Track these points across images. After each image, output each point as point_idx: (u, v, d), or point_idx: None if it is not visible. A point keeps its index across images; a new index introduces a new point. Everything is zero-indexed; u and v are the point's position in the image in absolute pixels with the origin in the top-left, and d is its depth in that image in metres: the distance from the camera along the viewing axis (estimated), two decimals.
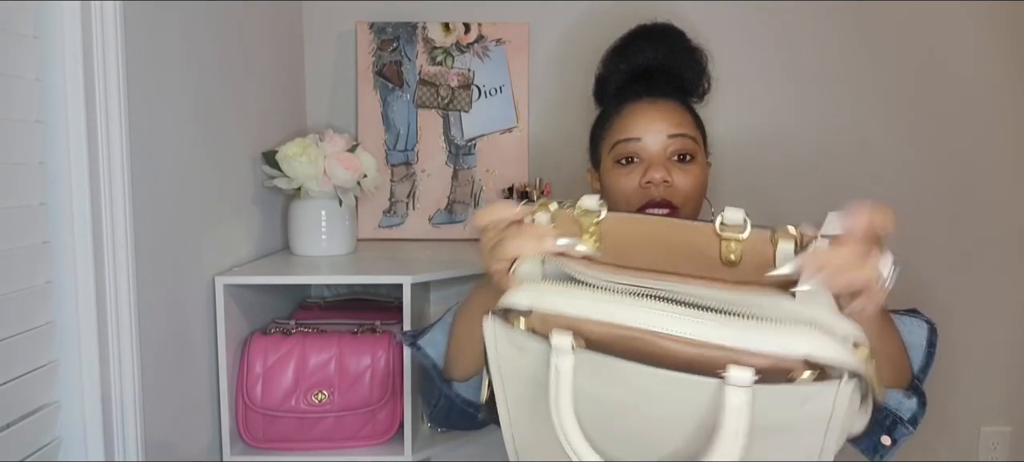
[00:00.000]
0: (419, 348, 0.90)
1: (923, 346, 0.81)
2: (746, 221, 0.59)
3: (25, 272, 0.80)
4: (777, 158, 1.64)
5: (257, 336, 1.21)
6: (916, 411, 0.76)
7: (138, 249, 0.93)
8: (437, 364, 0.88)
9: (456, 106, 1.61)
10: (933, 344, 0.81)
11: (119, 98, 0.89)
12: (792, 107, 1.64)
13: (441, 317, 0.91)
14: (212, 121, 1.18)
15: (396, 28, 1.60)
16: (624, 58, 1.03)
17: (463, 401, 0.87)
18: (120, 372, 0.91)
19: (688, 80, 1.02)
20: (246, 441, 1.20)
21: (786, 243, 0.58)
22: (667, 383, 0.50)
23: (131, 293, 0.91)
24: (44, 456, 0.83)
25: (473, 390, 0.86)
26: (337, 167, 1.29)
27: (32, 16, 0.81)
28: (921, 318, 0.84)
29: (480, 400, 0.84)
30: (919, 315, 0.84)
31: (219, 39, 1.20)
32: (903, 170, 1.65)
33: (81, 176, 0.84)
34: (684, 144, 0.94)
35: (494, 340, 0.57)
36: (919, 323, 0.83)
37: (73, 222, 0.84)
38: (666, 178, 0.92)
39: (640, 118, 0.95)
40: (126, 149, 0.90)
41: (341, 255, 1.37)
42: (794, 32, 1.62)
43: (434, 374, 0.88)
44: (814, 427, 0.49)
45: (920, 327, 0.82)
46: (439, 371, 0.88)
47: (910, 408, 0.76)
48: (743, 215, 0.59)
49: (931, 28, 1.62)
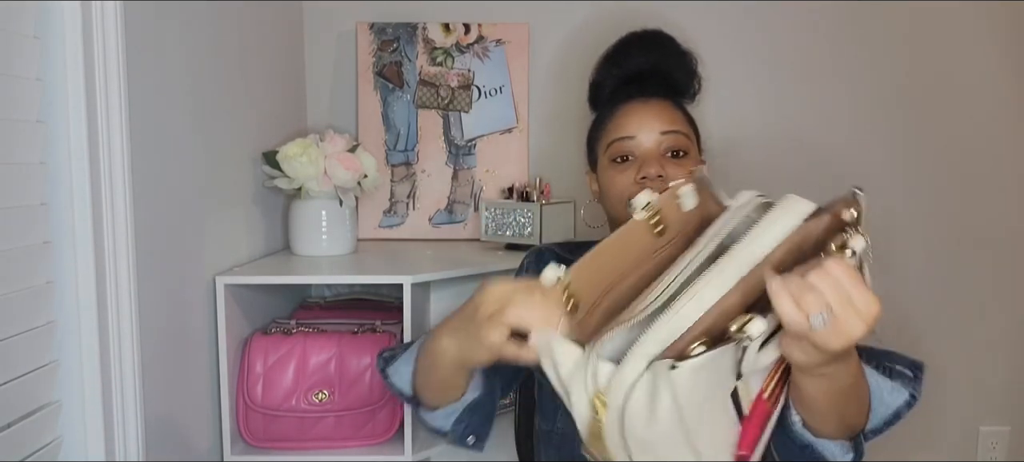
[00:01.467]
0: (386, 377, 0.92)
1: (887, 414, 0.76)
2: (648, 200, 0.71)
3: (26, 272, 0.81)
4: (772, 157, 1.64)
5: (258, 336, 1.21)
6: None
7: (139, 249, 0.93)
8: (404, 391, 0.90)
9: (456, 106, 1.61)
10: (899, 417, 0.76)
11: (120, 98, 0.89)
12: (787, 107, 1.64)
13: (409, 345, 0.92)
14: (212, 121, 1.18)
15: (396, 28, 1.60)
16: (616, 64, 1.05)
17: (429, 428, 0.90)
18: (121, 372, 0.91)
19: (679, 81, 1.04)
20: (247, 440, 1.20)
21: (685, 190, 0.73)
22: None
23: (132, 293, 0.91)
24: (45, 456, 0.83)
25: (439, 420, 0.88)
26: (337, 167, 1.29)
27: (33, 16, 0.81)
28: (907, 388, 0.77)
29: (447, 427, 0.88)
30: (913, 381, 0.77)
31: (219, 39, 1.20)
32: (899, 168, 1.65)
33: (82, 176, 0.84)
34: (677, 140, 0.97)
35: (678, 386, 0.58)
36: (900, 392, 0.76)
37: (74, 222, 0.84)
38: (661, 173, 0.94)
39: (633, 117, 0.98)
40: (127, 149, 0.90)
41: (341, 255, 1.37)
42: (789, 32, 1.62)
43: (404, 400, 0.91)
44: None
45: (898, 395, 0.76)
46: (407, 397, 0.90)
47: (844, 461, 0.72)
48: (645, 196, 0.71)
49: (923, 25, 1.62)
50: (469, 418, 0.87)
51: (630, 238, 0.72)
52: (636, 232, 0.72)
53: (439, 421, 0.88)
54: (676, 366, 0.56)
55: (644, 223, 0.71)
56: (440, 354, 0.77)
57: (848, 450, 0.72)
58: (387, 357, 0.93)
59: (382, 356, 0.94)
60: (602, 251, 0.71)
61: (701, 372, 0.57)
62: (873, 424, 0.75)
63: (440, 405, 0.86)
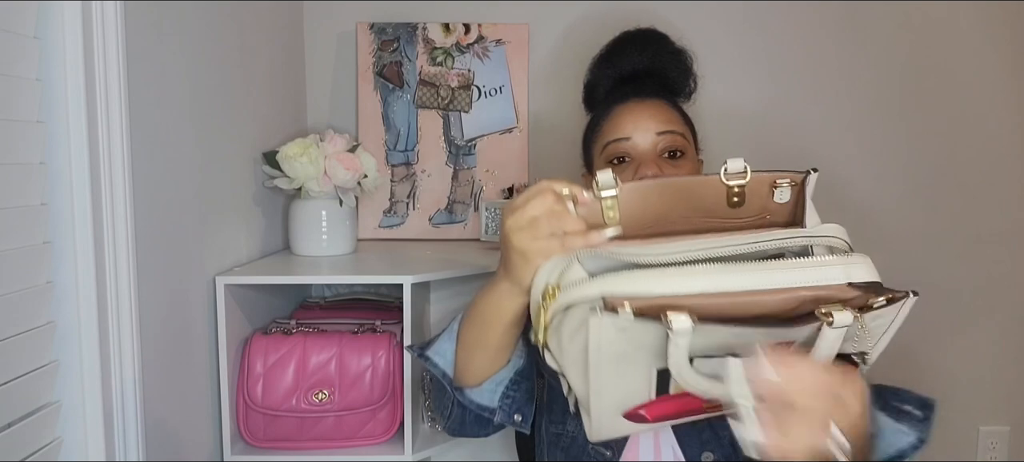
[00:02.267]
0: (428, 359, 0.90)
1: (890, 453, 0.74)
2: (746, 168, 0.69)
3: (26, 272, 0.80)
4: (768, 156, 1.63)
5: (258, 336, 1.21)
6: None
7: (139, 249, 0.93)
8: (447, 373, 0.88)
9: (456, 106, 1.61)
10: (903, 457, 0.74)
11: (120, 98, 0.89)
12: (784, 105, 1.64)
13: (447, 327, 0.91)
14: (212, 121, 1.18)
15: (396, 29, 1.60)
16: (611, 64, 1.05)
17: (477, 407, 0.87)
18: (121, 372, 0.91)
19: (674, 81, 1.04)
20: (247, 440, 1.20)
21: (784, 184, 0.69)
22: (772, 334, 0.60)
23: (132, 293, 0.91)
24: (45, 456, 0.83)
25: (486, 395, 0.86)
26: (337, 167, 1.29)
27: (32, 16, 0.81)
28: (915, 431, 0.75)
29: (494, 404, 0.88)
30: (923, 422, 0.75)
31: (219, 39, 1.20)
32: (898, 168, 1.65)
33: (82, 176, 0.84)
34: (673, 141, 0.96)
35: (598, 329, 0.63)
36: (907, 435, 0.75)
37: (74, 222, 0.84)
38: (658, 174, 0.93)
39: (629, 118, 0.97)
40: (127, 149, 0.90)
41: (341, 255, 1.37)
42: (786, 31, 1.62)
43: (445, 383, 0.89)
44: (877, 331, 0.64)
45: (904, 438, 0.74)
46: (450, 380, 0.88)
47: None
48: (743, 163, 0.69)
49: (923, 24, 1.62)
50: (515, 393, 0.87)
51: (703, 190, 0.70)
52: (712, 188, 0.70)
53: (486, 397, 0.86)
54: (598, 313, 0.62)
55: (724, 185, 0.69)
56: (494, 303, 0.78)
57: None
58: (423, 344, 0.92)
59: (416, 346, 0.93)
60: (665, 188, 0.70)
61: (621, 333, 0.62)
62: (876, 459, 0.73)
63: (487, 376, 0.85)
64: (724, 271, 0.61)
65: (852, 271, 0.61)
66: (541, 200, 0.68)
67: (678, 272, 0.62)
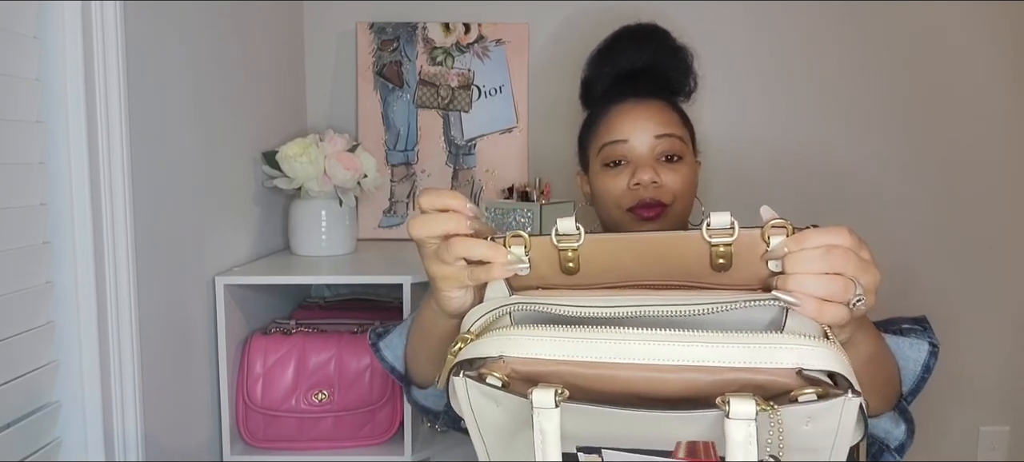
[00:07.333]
0: (377, 350, 0.88)
1: (917, 369, 0.75)
2: (733, 223, 0.56)
3: (25, 272, 0.80)
4: (768, 156, 1.64)
5: (257, 336, 1.21)
6: (904, 439, 0.73)
7: (138, 249, 0.93)
8: (396, 368, 0.86)
9: (456, 106, 1.61)
10: (930, 368, 0.75)
11: (119, 98, 0.89)
12: (784, 105, 1.64)
13: (404, 320, 0.89)
14: (212, 121, 1.18)
15: (396, 28, 1.60)
16: (608, 60, 1.02)
17: (422, 409, 0.86)
18: (120, 372, 0.91)
19: (674, 80, 1.01)
20: (246, 441, 1.20)
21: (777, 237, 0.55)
22: (664, 422, 0.48)
23: (131, 293, 0.91)
24: (44, 456, 0.83)
25: (431, 399, 0.84)
26: (337, 167, 1.29)
27: (32, 16, 0.81)
28: (924, 338, 0.76)
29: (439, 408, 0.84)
30: (925, 332, 0.76)
31: (219, 39, 1.20)
32: (898, 169, 1.65)
33: (81, 176, 0.84)
34: (671, 144, 0.93)
35: (466, 394, 0.53)
36: (919, 343, 0.75)
37: (73, 222, 0.84)
38: (655, 179, 0.90)
39: (626, 119, 0.94)
40: (126, 149, 0.90)
41: (341, 255, 1.37)
42: (788, 32, 1.62)
43: (395, 377, 0.87)
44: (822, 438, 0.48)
45: (919, 347, 0.75)
46: (399, 374, 0.86)
47: (898, 436, 0.73)
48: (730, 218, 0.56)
49: (924, 25, 1.62)
50: None
51: (683, 249, 0.58)
52: (693, 247, 0.57)
53: (431, 400, 0.84)
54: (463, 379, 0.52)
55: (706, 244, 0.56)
56: (428, 319, 0.73)
57: (898, 421, 0.72)
58: (380, 332, 0.89)
59: (375, 331, 0.90)
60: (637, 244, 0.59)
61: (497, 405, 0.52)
62: (909, 385, 0.75)
63: (432, 380, 0.81)
64: (640, 338, 0.50)
65: (807, 355, 0.48)
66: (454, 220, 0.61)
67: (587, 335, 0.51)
